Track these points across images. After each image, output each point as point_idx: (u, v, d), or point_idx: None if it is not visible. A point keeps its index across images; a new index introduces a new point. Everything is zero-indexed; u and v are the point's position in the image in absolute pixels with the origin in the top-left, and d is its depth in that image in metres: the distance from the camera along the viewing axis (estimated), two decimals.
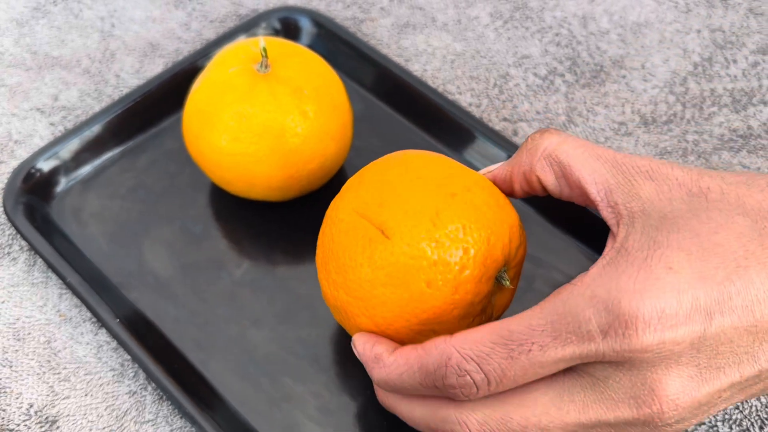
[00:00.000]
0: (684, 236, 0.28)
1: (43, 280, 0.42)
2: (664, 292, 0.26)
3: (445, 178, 0.32)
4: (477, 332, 0.29)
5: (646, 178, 0.30)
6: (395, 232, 0.31)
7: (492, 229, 0.31)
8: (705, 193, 0.29)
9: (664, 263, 0.27)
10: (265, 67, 0.39)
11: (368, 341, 0.31)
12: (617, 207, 0.30)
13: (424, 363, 0.29)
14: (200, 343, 0.39)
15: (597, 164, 0.31)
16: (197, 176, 0.45)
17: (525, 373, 0.28)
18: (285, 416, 0.37)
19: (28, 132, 0.48)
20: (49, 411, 0.37)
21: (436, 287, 0.30)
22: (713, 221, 0.28)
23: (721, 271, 0.27)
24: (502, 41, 0.52)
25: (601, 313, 0.27)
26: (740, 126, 0.47)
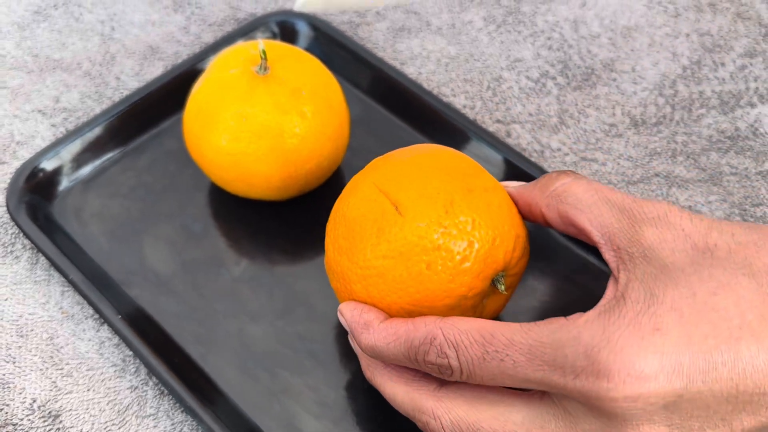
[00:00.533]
0: (681, 293, 0.27)
1: (45, 278, 0.43)
2: (645, 353, 0.26)
3: (467, 175, 0.34)
4: (465, 322, 0.30)
5: (651, 225, 0.30)
6: (408, 211, 0.32)
7: (499, 232, 0.32)
8: (711, 249, 0.28)
9: (654, 323, 0.27)
10: (264, 69, 0.40)
11: (356, 308, 0.32)
12: (619, 251, 0.30)
13: (411, 336, 0.30)
14: (200, 338, 0.40)
15: (603, 208, 0.31)
16: (197, 176, 0.46)
17: (493, 377, 0.29)
18: (283, 409, 0.38)
19: (30, 133, 0.49)
20: (52, 406, 0.38)
21: (434, 271, 0.32)
22: (714, 280, 0.27)
23: (711, 339, 0.26)
24: (496, 45, 0.53)
25: (579, 356, 0.27)
26: (728, 127, 0.48)
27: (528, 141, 0.48)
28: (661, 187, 0.45)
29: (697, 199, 0.45)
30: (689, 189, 0.45)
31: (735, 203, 0.45)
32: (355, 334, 0.32)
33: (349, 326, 0.33)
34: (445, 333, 0.30)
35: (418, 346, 0.30)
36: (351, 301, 0.33)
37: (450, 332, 0.30)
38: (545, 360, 0.28)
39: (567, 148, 0.47)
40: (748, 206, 0.45)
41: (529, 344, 0.28)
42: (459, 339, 0.29)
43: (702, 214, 0.43)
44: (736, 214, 0.44)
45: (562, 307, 0.41)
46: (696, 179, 0.46)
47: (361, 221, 0.33)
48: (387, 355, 0.31)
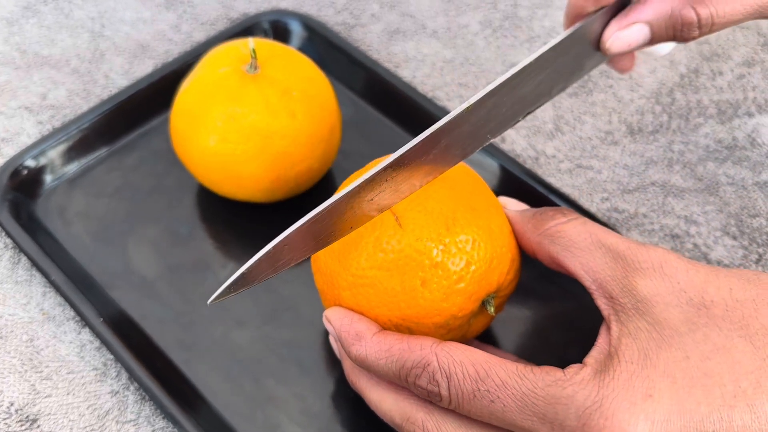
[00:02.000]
0: (674, 356, 0.27)
1: (26, 278, 0.42)
2: (636, 420, 0.26)
3: (471, 192, 0.33)
4: (462, 352, 0.29)
5: (646, 276, 0.29)
6: (409, 224, 0.31)
7: (497, 254, 0.32)
8: (707, 306, 0.28)
9: (646, 388, 0.26)
10: (254, 68, 0.39)
11: (346, 316, 0.31)
12: (612, 301, 0.29)
13: (404, 358, 0.29)
14: (184, 343, 0.39)
15: (597, 253, 0.30)
16: (184, 177, 0.45)
17: (481, 415, 0.28)
18: (267, 418, 0.37)
19: (16, 130, 0.48)
20: (30, 410, 0.37)
21: (429, 288, 0.31)
22: (709, 342, 0.27)
23: (704, 406, 0.26)
24: (492, 49, 0.52)
25: (570, 416, 0.27)
26: (725, 137, 0.47)
27: (523, 147, 0.47)
28: (657, 196, 0.45)
29: (693, 209, 0.44)
30: (685, 198, 0.45)
31: (732, 213, 0.44)
32: (345, 344, 0.31)
33: (337, 334, 0.32)
34: (440, 360, 0.29)
35: (410, 368, 0.29)
36: (337, 308, 0.32)
37: (445, 360, 0.29)
38: (535, 411, 0.27)
39: (562, 155, 0.47)
40: (745, 217, 0.44)
41: (522, 392, 0.28)
42: (453, 370, 0.29)
43: (701, 236, 0.43)
44: (733, 225, 0.43)
45: (555, 317, 0.40)
46: (692, 189, 0.45)
47: (359, 233, 0.32)
48: (376, 369, 0.30)
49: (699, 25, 0.32)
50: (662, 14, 0.32)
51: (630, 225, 0.44)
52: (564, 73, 0.34)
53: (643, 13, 0.32)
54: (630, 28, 0.33)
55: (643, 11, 0.32)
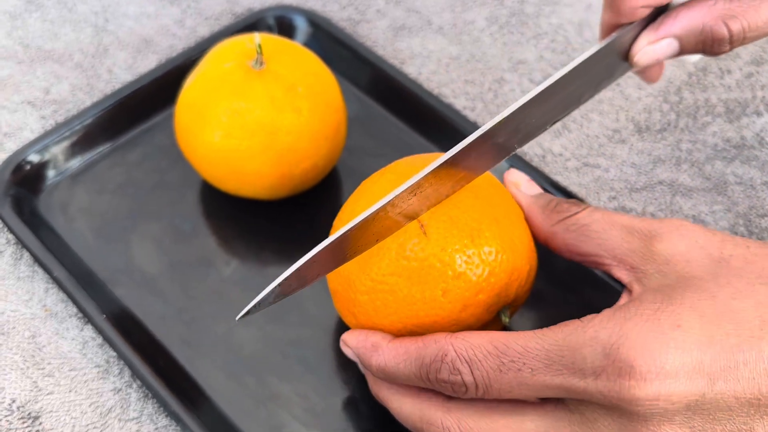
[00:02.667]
0: (700, 296, 0.27)
1: (29, 274, 0.41)
2: (667, 348, 0.26)
3: (495, 203, 0.32)
4: (476, 337, 0.29)
5: (664, 240, 0.29)
6: (434, 233, 0.31)
7: (517, 266, 0.32)
8: (727, 259, 0.28)
9: (673, 320, 0.26)
10: (259, 64, 0.39)
11: (361, 334, 0.32)
12: (633, 270, 0.29)
13: (422, 354, 0.29)
14: (187, 340, 0.39)
15: (612, 231, 0.30)
16: (188, 173, 0.44)
17: (511, 388, 0.28)
18: (271, 416, 0.36)
19: (19, 125, 0.47)
20: (32, 407, 0.37)
21: (449, 299, 0.31)
22: (732, 286, 0.27)
23: (733, 338, 0.26)
24: (498, 46, 0.52)
25: (598, 355, 0.26)
26: (734, 136, 0.47)
27: (529, 145, 0.47)
28: (665, 195, 0.44)
29: (701, 208, 0.44)
30: (693, 198, 0.44)
31: (740, 213, 0.44)
32: (363, 358, 0.31)
33: (356, 352, 0.32)
34: (457, 348, 0.29)
35: (429, 364, 0.29)
36: (351, 330, 0.32)
37: (461, 347, 0.29)
38: (564, 364, 0.27)
39: (569, 153, 0.46)
40: (753, 217, 0.44)
41: (546, 349, 0.27)
42: (472, 354, 0.28)
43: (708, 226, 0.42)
44: (741, 225, 0.43)
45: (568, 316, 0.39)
46: (700, 188, 0.45)
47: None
48: (398, 375, 0.30)
49: (730, 41, 0.32)
50: (693, 29, 0.32)
51: None
52: (593, 83, 0.34)
53: (674, 27, 0.32)
54: (659, 43, 0.32)
55: (674, 25, 0.32)
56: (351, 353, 0.32)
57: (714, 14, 0.31)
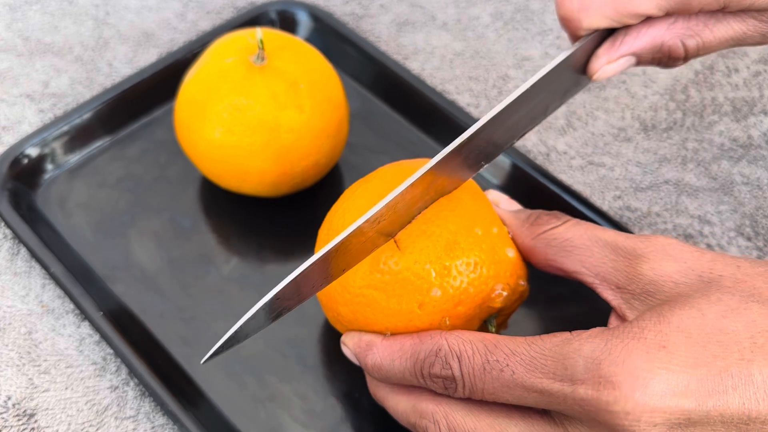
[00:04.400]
0: (688, 314, 0.26)
1: (26, 270, 0.41)
2: (651, 366, 0.25)
3: (474, 213, 0.31)
4: (469, 334, 0.29)
5: (650, 260, 0.28)
6: (407, 246, 0.30)
7: (500, 277, 0.31)
8: (717, 279, 0.27)
9: (659, 339, 0.26)
10: (261, 59, 0.38)
11: (356, 335, 0.32)
12: (619, 291, 0.29)
13: (417, 349, 0.29)
14: (185, 338, 0.38)
15: (595, 248, 0.30)
16: (188, 169, 0.44)
17: (494, 390, 0.28)
18: (269, 416, 0.36)
19: (17, 118, 0.47)
20: (27, 404, 0.36)
21: (426, 311, 0.30)
22: (723, 303, 0.26)
23: (720, 361, 0.25)
24: (503, 42, 0.51)
25: (579, 368, 0.26)
26: (741, 135, 0.46)
27: (533, 143, 0.46)
28: (670, 194, 0.44)
29: (707, 208, 0.43)
30: (699, 198, 0.44)
31: (746, 214, 0.43)
32: (360, 358, 0.31)
33: (353, 351, 0.32)
34: (450, 343, 0.29)
35: (423, 359, 0.29)
36: (350, 332, 0.32)
37: (454, 342, 0.29)
38: (544, 372, 0.27)
39: (574, 151, 0.46)
40: (760, 217, 0.43)
41: (531, 356, 0.27)
42: (463, 348, 0.29)
43: (714, 236, 0.42)
44: (747, 225, 0.43)
45: (567, 321, 0.39)
46: (706, 188, 0.44)
47: None
48: (393, 371, 0.30)
49: (685, 57, 0.32)
50: (650, 47, 0.32)
51: (642, 224, 0.43)
52: (558, 93, 0.33)
53: (632, 46, 0.32)
54: (618, 61, 0.32)
55: (632, 44, 0.32)
56: (350, 353, 0.32)
57: (672, 33, 0.32)
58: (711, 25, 0.32)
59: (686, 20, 0.32)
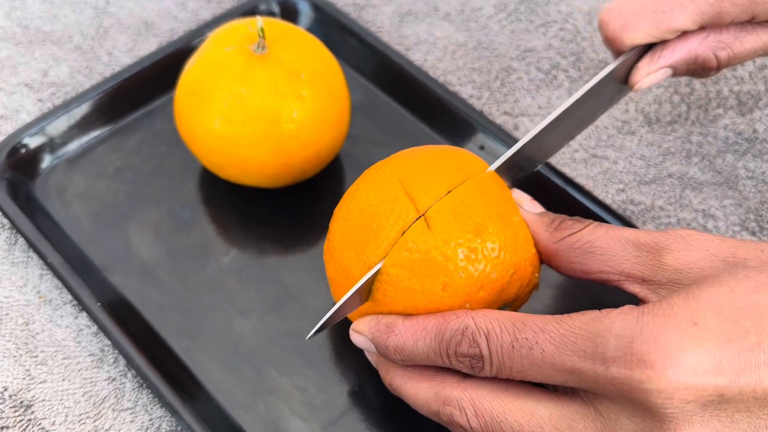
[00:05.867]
0: (718, 291, 0.26)
1: (23, 260, 0.40)
2: (683, 343, 0.25)
3: (500, 200, 0.31)
4: (496, 312, 0.29)
5: (673, 251, 0.28)
6: (437, 227, 0.30)
7: (520, 265, 0.31)
8: (743, 262, 0.27)
9: (690, 316, 0.25)
10: (261, 48, 0.38)
11: (372, 319, 0.31)
12: (645, 283, 0.29)
13: (442, 329, 0.29)
14: (184, 330, 0.38)
15: (617, 247, 0.30)
16: (187, 159, 0.43)
17: (522, 368, 0.28)
18: (268, 409, 0.36)
19: (15, 107, 0.46)
20: (24, 395, 0.36)
21: (449, 293, 0.30)
22: (752, 280, 0.26)
23: (753, 336, 0.25)
24: (506, 33, 0.50)
25: (610, 346, 0.26)
26: (746, 129, 0.46)
27: None
28: (674, 188, 0.43)
29: (711, 202, 0.43)
30: (703, 192, 0.43)
31: (751, 208, 0.43)
32: (379, 341, 0.31)
33: (370, 336, 0.31)
34: (477, 321, 0.29)
35: (450, 338, 0.29)
36: (363, 317, 0.32)
37: (481, 320, 0.29)
38: (575, 350, 0.26)
39: (577, 144, 0.45)
40: (765, 212, 0.43)
41: (561, 334, 0.27)
42: (491, 327, 0.28)
43: (718, 230, 0.41)
44: (752, 220, 0.42)
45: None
46: (711, 182, 0.44)
47: (381, 221, 0.31)
48: (416, 353, 0.30)
49: (718, 67, 0.36)
50: (686, 59, 0.35)
51: (646, 218, 0.42)
52: (603, 102, 0.37)
53: (671, 59, 0.35)
54: (657, 72, 0.36)
55: (671, 57, 0.35)
56: (362, 340, 0.32)
57: (705, 46, 0.35)
58: (741, 38, 0.35)
59: (718, 34, 0.35)
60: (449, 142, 0.45)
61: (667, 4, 0.34)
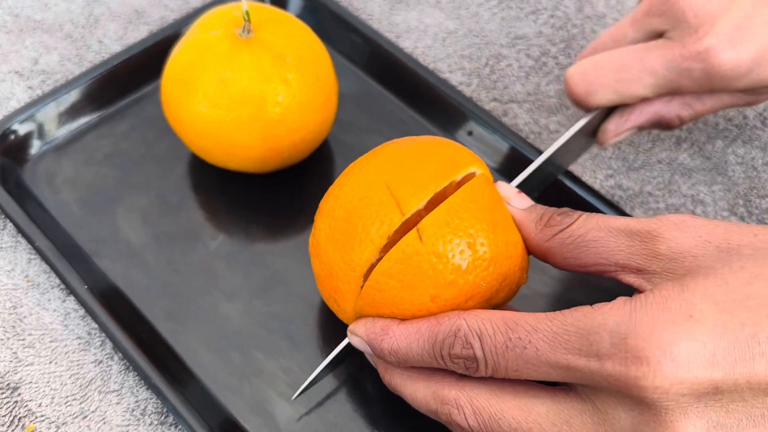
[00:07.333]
0: (713, 283, 0.26)
1: (12, 245, 0.41)
2: (677, 338, 0.25)
3: (491, 207, 0.31)
4: (488, 313, 0.29)
5: (665, 239, 0.28)
6: (430, 238, 0.29)
7: (510, 272, 0.31)
8: (735, 249, 0.27)
9: (685, 308, 0.25)
10: (247, 32, 0.38)
11: (368, 321, 0.31)
12: (640, 272, 0.29)
13: (435, 331, 0.29)
14: (171, 314, 0.38)
15: (610, 239, 0.30)
16: (176, 145, 0.43)
17: (517, 367, 0.28)
18: (254, 391, 0.36)
19: (5, 95, 0.47)
20: (11, 377, 0.36)
21: (437, 304, 0.30)
22: (747, 271, 0.26)
23: (749, 327, 0.25)
24: (496, 21, 0.50)
25: (605, 343, 0.26)
26: (736, 116, 0.46)
27: (525, 121, 0.46)
28: (663, 174, 0.43)
29: (701, 188, 0.43)
30: (693, 177, 0.43)
31: (740, 193, 0.43)
32: (374, 343, 0.31)
33: (366, 338, 0.31)
34: (469, 323, 0.29)
35: (443, 340, 0.29)
36: (360, 320, 0.32)
37: (474, 321, 0.29)
38: (569, 348, 0.26)
39: (566, 130, 0.45)
40: (754, 197, 0.42)
41: (553, 331, 0.27)
42: (483, 327, 0.28)
43: (707, 215, 0.41)
44: (741, 205, 0.42)
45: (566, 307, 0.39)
46: (700, 168, 0.44)
47: (365, 224, 0.30)
48: (410, 355, 0.30)
49: (679, 125, 0.39)
50: (651, 120, 0.39)
51: (634, 203, 0.42)
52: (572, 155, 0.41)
53: (636, 122, 0.39)
54: (624, 133, 0.39)
55: (636, 120, 0.39)
56: (360, 342, 0.31)
57: (669, 108, 0.38)
58: (704, 99, 0.38)
59: (681, 96, 0.38)
60: (439, 128, 0.45)
61: (627, 75, 0.37)
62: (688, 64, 0.36)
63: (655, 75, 0.36)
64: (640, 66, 0.37)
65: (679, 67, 0.36)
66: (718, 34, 0.35)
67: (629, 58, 0.37)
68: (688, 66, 0.36)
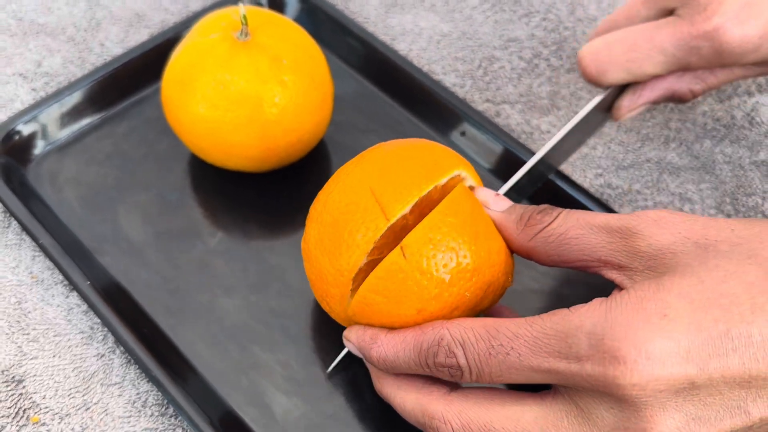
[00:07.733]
0: (689, 282, 0.27)
1: (17, 242, 0.42)
2: (652, 336, 0.26)
3: (473, 217, 0.32)
4: (470, 321, 0.30)
5: (645, 236, 0.29)
6: (414, 254, 0.30)
7: (493, 278, 0.31)
8: (714, 245, 0.28)
9: (660, 309, 0.26)
10: (245, 35, 0.39)
11: (359, 329, 0.32)
12: (622, 269, 0.29)
13: (419, 340, 0.30)
14: (171, 309, 0.39)
15: (591, 236, 0.30)
16: (176, 145, 0.45)
17: (501, 372, 0.28)
18: (252, 384, 0.37)
19: (10, 97, 0.48)
20: (16, 371, 0.37)
21: (423, 316, 0.31)
22: (721, 269, 0.27)
23: (722, 324, 0.26)
24: (489, 24, 0.51)
25: (583, 345, 0.27)
26: (724, 116, 0.47)
27: (517, 122, 0.47)
28: (652, 173, 0.44)
29: (688, 186, 0.44)
30: (681, 176, 0.44)
31: (727, 192, 0.44)
32: (364, 351, 0.32)
33: (357, 345, 0.32)
34: (452, 332, 0.29)
35: (427, 350, 0.30)
36: (353, 326, 0.33)
37: (456, 331, 0.29)
38: (549, 351, 0.27)
39: (557, 130, 0.46)
40: (741, 195, 0.43)
41: (533, 336, 0.28)
42: (465, 336, 0.29)
43: (694, 213, 0.42)
44: (728, 203, 0.43)
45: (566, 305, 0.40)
46: (688, 167, 0.45)
47: (352, 230, 0.31)
48: (398, 364, 0.31)
49: (692, 98, 0.40)
50: (664, 95, 0.40)
51: (623, 201, 0.43)
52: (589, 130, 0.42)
53: (650, 97, 0.40)
54: (638, 108, 0.40)
55: (649, 96, 0.40)
56: (353, 348, 0.33)
57: (681, 83, 0.39)
58: (716, 73, 0.39)
59: (693, 71, 0.39)
60: (433, 128, 0.46)
61: (637, 54, 0.37)
62: (696, 42, 0.36)
63: (664, 53, 0.37)
64: (649, 45, 0.37)
65: (687, 45, 0.36)
66: (726, 12, 0.36)
67: (639, 37, 0.37)
68: (697, 44, 0.36)
